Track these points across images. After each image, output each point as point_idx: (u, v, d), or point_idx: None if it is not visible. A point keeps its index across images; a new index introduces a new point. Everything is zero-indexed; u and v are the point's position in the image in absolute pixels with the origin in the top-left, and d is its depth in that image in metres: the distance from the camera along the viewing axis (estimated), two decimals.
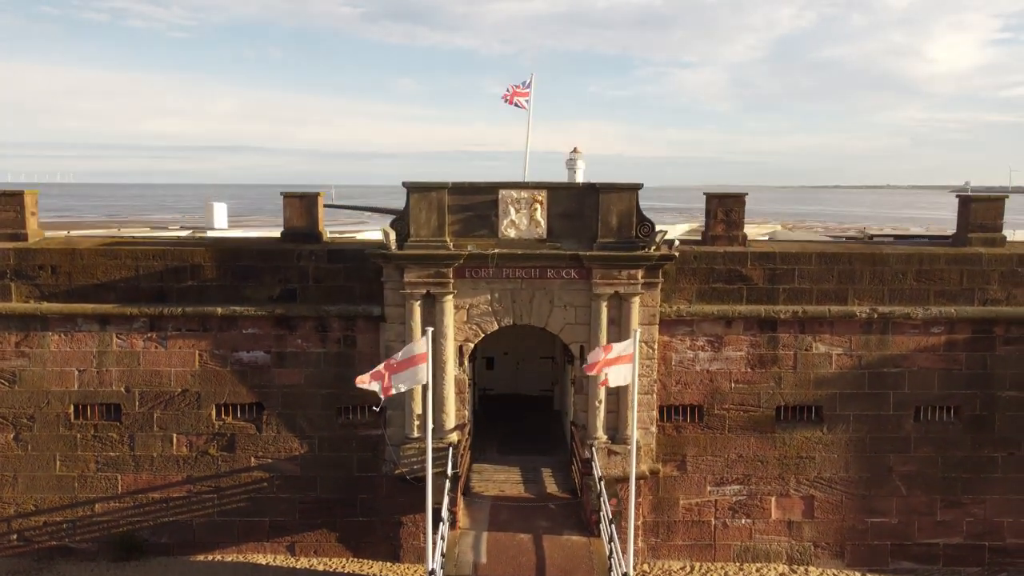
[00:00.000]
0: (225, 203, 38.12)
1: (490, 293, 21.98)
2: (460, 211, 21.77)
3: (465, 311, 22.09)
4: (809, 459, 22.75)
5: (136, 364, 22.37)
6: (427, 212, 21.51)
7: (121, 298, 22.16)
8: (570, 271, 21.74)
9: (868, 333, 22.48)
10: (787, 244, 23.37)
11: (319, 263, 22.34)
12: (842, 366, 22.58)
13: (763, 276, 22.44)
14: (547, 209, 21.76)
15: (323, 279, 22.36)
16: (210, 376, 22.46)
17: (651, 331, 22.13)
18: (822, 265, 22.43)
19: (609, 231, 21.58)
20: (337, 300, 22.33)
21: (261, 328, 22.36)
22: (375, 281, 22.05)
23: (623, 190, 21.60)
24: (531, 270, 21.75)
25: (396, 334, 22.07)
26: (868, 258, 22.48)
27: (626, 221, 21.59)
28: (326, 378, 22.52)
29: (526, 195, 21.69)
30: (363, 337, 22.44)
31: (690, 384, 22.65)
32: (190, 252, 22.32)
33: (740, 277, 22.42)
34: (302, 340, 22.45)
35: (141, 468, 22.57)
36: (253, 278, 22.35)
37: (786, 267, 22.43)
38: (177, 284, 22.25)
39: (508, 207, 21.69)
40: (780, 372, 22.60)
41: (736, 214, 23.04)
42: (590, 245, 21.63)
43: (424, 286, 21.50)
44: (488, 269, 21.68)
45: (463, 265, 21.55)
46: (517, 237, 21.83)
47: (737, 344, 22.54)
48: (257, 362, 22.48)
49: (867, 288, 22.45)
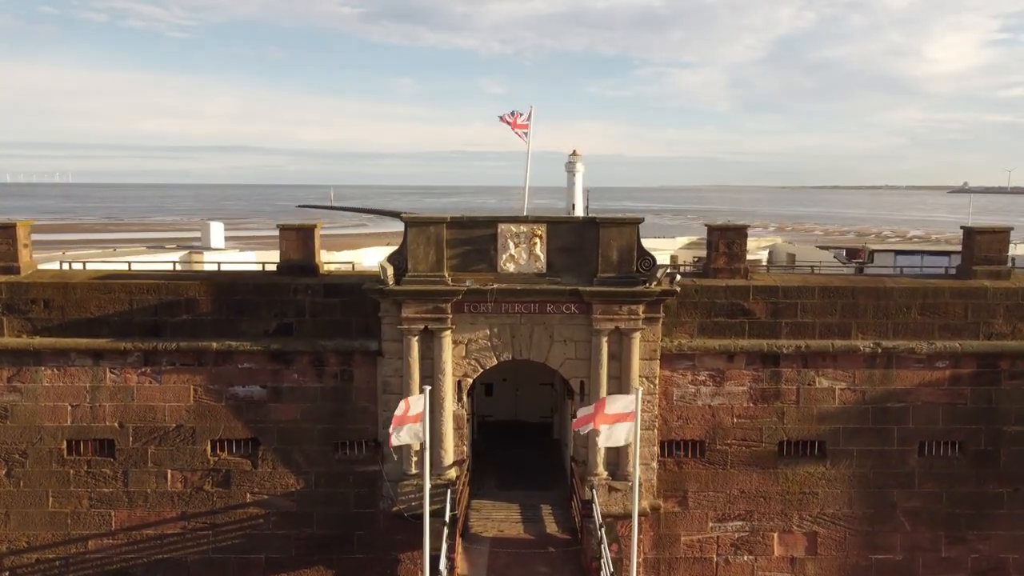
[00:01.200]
0: (222, 222, 37.78)
1: (489, 328, 21.69)
2: (458, 245, 21.47)
3: (464, 346, 21.79)
4: (812, 495, 22.46)
5: (130, 399, 22.05)
6: (425, 247, 21.22)
7: (115, 332, 21.84)
8: (570, 306, 21.46)
9: (872, 367, 22.21)
10: (790, 277, 23.08)
11: (315, 297, 22.04)
12: (845, 401, 22.30)
13: (765, 310, 22.15)
14: (546, 243, 21.47)
15: (319, 313, 22.06)
16: (205, 411, 22.15)
17: (652, 366, 21.84)
18: (825, 299, 22.14)
19: (609, 266, 21.29)
20: (334, 335, 22.03)
21: (257, 363, 22.05)
22: (372, 315, 21.76)
23: (623, 224, 21.32)
24: (530, 305, 21.46)
25: (394, 369, 21.77)
26: (872, 292, 22.19)
27: (627, 256, 21.30)
28: (323, 413, 22.22)
29: (525, 229, 21.40)
30: (360, 372, 22.14)
31: (691, 419, 22.36)
32: (185, 286, 22.01)
33: (742, 311, 22.13)
34: (298, 375, 22.14)
35: (135, 504, 22.25)
36: (249, 312, 22.04)
37: (789, 301, 22.15)
38: (171, 318, 21.95)
39: (507, 241, 21.40)
40: (783, 407, 22.31)
41: (738, 246, 22.74)
42: (590, 280, 21.35)
43: (422, 321, 21.21)
44: (487, 304, 21.39)
45: (462, 300, 21.27)
46: (516, 271, 21.54)
47: (739, 379, 22.25)
48: (253, 397, 22.18)
49: (871, 322, 22.16)
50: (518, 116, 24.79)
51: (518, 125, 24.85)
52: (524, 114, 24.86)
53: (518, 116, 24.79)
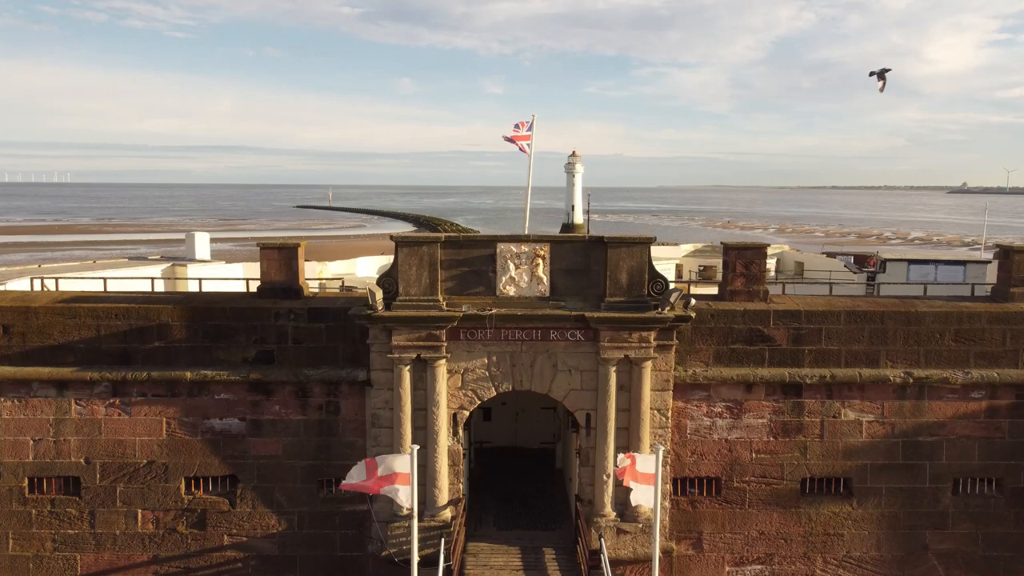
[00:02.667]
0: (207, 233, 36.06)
1: (487, 356, 19.96)
2: (454, 266, 19.74)
3: (459, 376, 20.06)
4: (837, 536, 20.73)
5: (97, 433, 20.30)
6: (418, 268, 19.48)
7: (81, 361, 20.10)
8: (575, 333, 19.73)
9: (902, 398, 20.50)
10: (813, 300, 21.32)
11: (299, 322, 20.29)
12: (873, 435, 20.58)
13: (787, 336, 20.43)
14: (550, 264, 19.75)
15: (303, 340, 20.32)
16: (179, 446, 20.40)
17: (664, 397, 20.12)
18: (852, 324, 20.42)
19: (618, 289, 19.56)
20: (319, 363, 20.29)
21: (235, 393, 20.31)
22: (360, 342, 20.03)
23: (633, 244, 19.58)
24: (532, 331, 19.74)
25: (384, 401, 20.05)
26: (902, 316, 20.47)
27: (637, 278, 19.58)
28: (307, 448, 20.48)
29: (527, 249, 19.67)
30: (347, 403, 20.41)
31: (707, 454, 20.63)
32: (156, 310, 20.25)
33: (762, 337, 20.41)
34: (280, 407, 20.41)
35: (103, 547, 20.49)
36: (226, 339, 20.30)
37: (812, 326, 20.42)
38: (142, 345, 20.20)
39: (507, 262, 19.66)
40: (806, 441, 20.59)
41: (757, 267, 21.02)
42: (597, 304, 19.63)
43: (414, 350, 19.48)
44: (485, 330, 19.67)
45: (457, 326, 19.54)
46: (517, 295, 19.81)
47: (758, 411, 20.53)
48: (231, 431, 20.43)
49: (901, 349, 20.45)
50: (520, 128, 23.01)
51: (519, 137, 23.09)
52: (526, 124, 23.10)
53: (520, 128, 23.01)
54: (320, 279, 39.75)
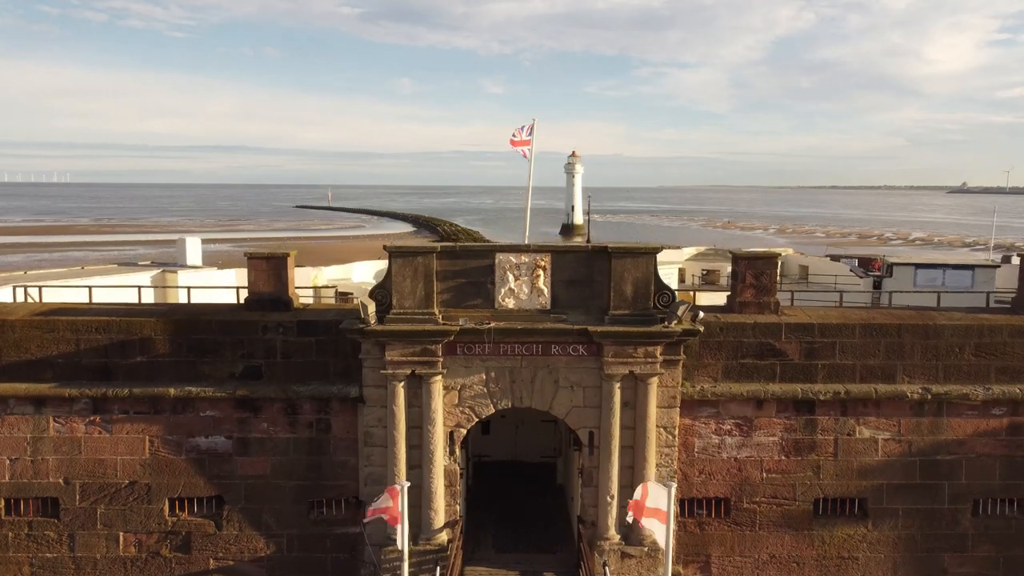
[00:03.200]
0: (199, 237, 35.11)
1: (485, 372, 19.03)
2: (451, 278, 18.81)
3: (456, 392, 19.13)
4: (852, 560, 19.81)
5: (77, 452, 19.38)
6: (412, 280, 18.55)
7: (59, 377, 19.17)
8: (578, 347, 18.80)
9: (920, 415, 19.58)
10: (826, 313, 20.39)
11: (288, 336, 19.36)
12: (890, 453, 19.66)
13: (799, 350, 19.50)
14: (551, 275, 18.82)
15: (292, 354, 19.39)
16: (162, 466, 19.47)
17: (671, 415, 19.19)
18: (867, 338, 19.49)
19: (623, 301, 18.64)
20: (309, 379, 19.37)
21: (221, 410, 19.38)
22: (352, 357, 19.10)
23: (639, 255, 18.65)
24: (533, 346, 18.82)
25: (377, 418, 19.13)
26: (920, 330, 19.54)
27: (642, 290, 18.65)
28: (296, 468, 19.55)
29: (527, 260, 18.74)
30: (339, 421, 19.48)
31: (715, 474, 19.72)
32: (138, 324, 19.31)
33: (773, 351, 19.48)
34: (268, 424, 19.48)
35: (83, 571, 19.56)
36: (211, 353, 19.37)
37: (826, 340, 19.50)
38: (124, 360, 19.26)
39: (506, 273, 18.73)
40: (819, 460, 19.67)
41: (768, 277, 20.08)
42: (601, 317, 18.70)
43: (409, 365, 18.55)
44: (483, 345, 18.74)
45: (454, 341, 18.62)
46: (517, 308, 18.88)
47: (769, 428, 19.61)
48: (216, 449, 19.51)
49: (919, 364, 19.52)
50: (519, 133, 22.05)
51: (519, 143, 22.12)
52: (525, 127, 22.16)
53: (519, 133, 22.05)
54: (315, 285, 38.84)
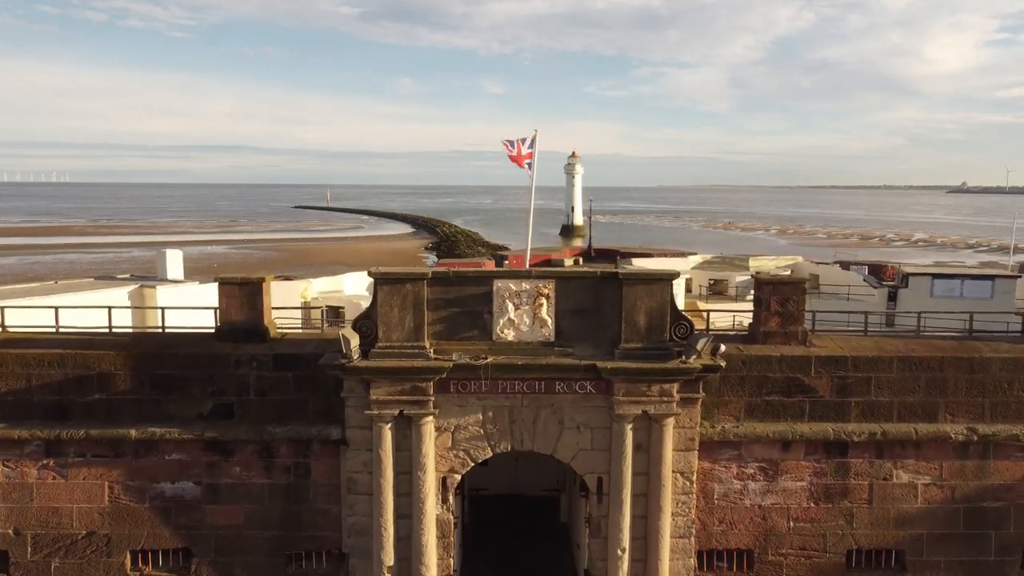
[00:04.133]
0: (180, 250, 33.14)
1: (482, 411, 17.11)
2: (443, 307, 16.88)
3: (450, 434, 17.21)
4: None
5: (28, 500, 17.47)
6: (400, 309, 16.62)
7: (8, 416, 17.26)
8: (585, 384, 16.89)
9: (964, 458, 17.68)
10: (859, 344, 18.44)
11: (262, 371, 17.44)
12: (930, 500, 17.76)
13: (830, 386, 17.59)
14: (555, 304, 16.89)
15: (267, 391, 17.47)
16: (123, 515, 17.55)
17: (688, 459, 17.27)
18: (905, 372, 17.58)
19: (635, 333, 16.71)
20: (286, 418, 17.45)
21: (188, 453, 17.46)
22: (335, 394, 17.18)
23: (653, 281, 16.72)
24: (535, 383, 16.90)
25: (361, 463, 17.21)
26: (964, 363, 17.63)
27: (657, 321, 16.72)
28: (272, 517, 17.63)
29: (528, 287, 16.80)
30: (319, 465, 17.56)
31: (737, 523, 17.81)
32: (96, 357, 17.37)
33: (801, 387, 17.57)
34: (241, 469, 17.56)
35: None
36: (178, 390, 17.44)
37: (859, 374, 17.58)
38: (81, 398, 17.35)
39: (505, 302, 16.79)
40: (852, 508, 17.77)
41: (794, 304, 18.16)
42: (611, 351, 16.78)
43: (396, 405, 16.63)
44: (480, 382, 16.82)
45: (447, 378, 16.70)
46: (517, 340, 16.95)
47: (797, 472, 17.70)
48: (184, 496, 17.59)
49: (963, 401, 17.62)
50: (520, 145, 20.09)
51: (522, 156, 20.17)
52: (527, 139, 20.20)
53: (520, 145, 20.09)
54: (304, 299, 36.89)
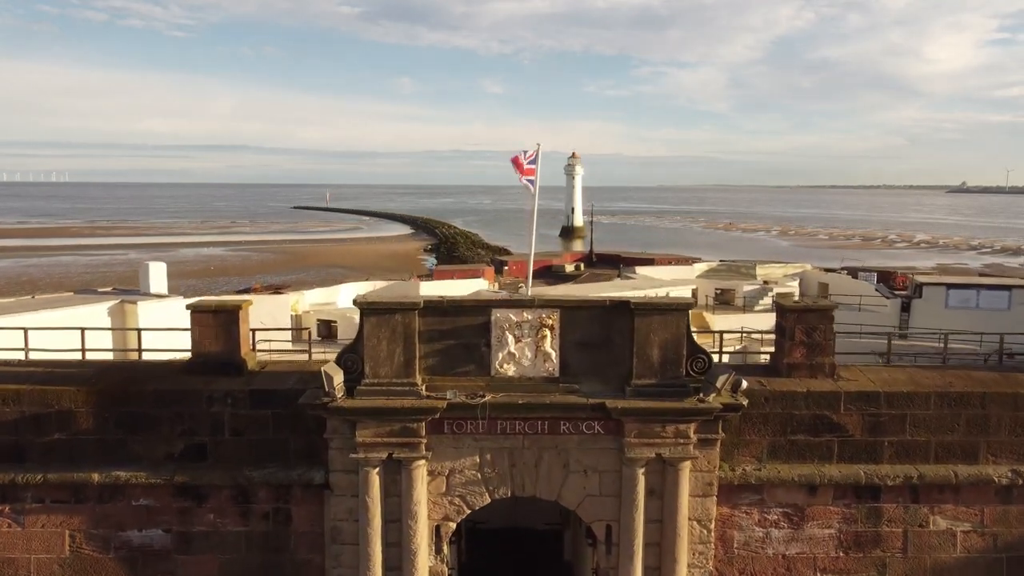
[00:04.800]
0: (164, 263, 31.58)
1: (479, 454, 15.55)
2: (437, 339, 15.33)
3: (444, 479, 15.65)
4: None
5: None
6: (389, 343, 15.07)
7: None
8: (593, 424, 15.34)
9: (1007, 503, 16.13)
10: (893, 376, 16.86)
11: (238, 408, 15.86)
12: (971, 548, 16.21)
13: (861, 424, 16.04)
14: (560, 336, 15.34)
15: (244, 430, 15.90)
16: (86, 566, 15.97)
17: (706, 505, 15.73)
18: (944, 409, 16.04)
19: (648, 369, 15.16)
20: (264, 460, 15.89)
21: (157, 499, 15.88)
22: (317, 434, 15.63)
23: (668, 311, 15.17)
24: (537, 423, 15.35)
25: (346, 510, 15.65)
26: (1008, 399, 16.07)
27: (672, 354, 15.18)
28: (249, 568, 16.06)
29: (530, 317, 15.25)
30: (301, 511, 15.99)
31: (759, 574, 16.26)
32: (56, 394, 15.80)
33: (829, 426, 16.02)
34: (215, 515, 15.98)
35: None
36: (146, 429, 15.87)
37: (894, 412, 16.03)
38: (39, 438, 15.78)
39: (505, 334, 15.24)
40: (884, 557, 16.21)
41: (821, 334, 16.59)
42: (621, 388, 15.24)
43: (385, 448, 15.08)
44: (477, 422, 15.27)
45: (441, 417, 15.15)
46: (518, 376, 15.40)
47: (825, 518, 16.16)
48: (152, 546, 16.01)
49: (1007, 441, 16.08)
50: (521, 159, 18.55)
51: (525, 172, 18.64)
52: (529, 153, 18.63)
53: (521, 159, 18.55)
54: (295, 312, 35.37)
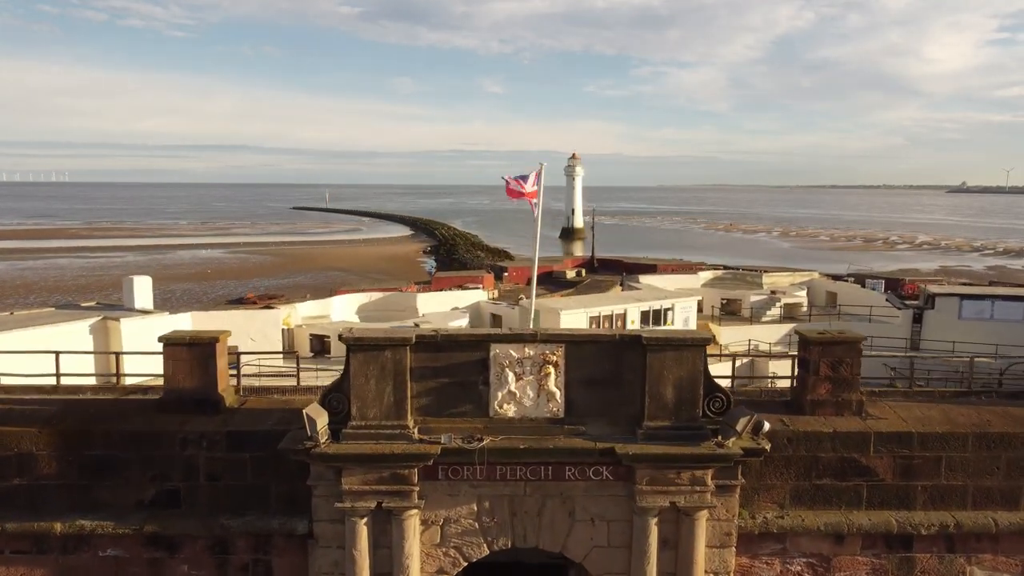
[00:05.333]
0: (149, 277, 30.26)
1: (477, 502, 14.24)
2: (430, 376, 14.01)
3: (438, 528, 14.34)
4: None
5: None
6: (378, 381, 13.76)
7: None
8: (601, 470, 14.04)
9: None
10: (926, 414, 15.55)
11: (214, 451, 14.56)
12: None
13: (892, 467, 14.75)
14: (565, 373, 14.03)
15: (220, 475, 14.60)
16: None
17: (724, 557, 14.42)
18: (982, 451, 14.75)
19: (662, 409, 13.86)
20: (242, 508, 14.58)
21: (127, 549, 14.58)
22: (300, 479, 14.31)
23: (683, 347, 13.85)
24: (540, 468, 14.05)
25: (332, 563, 14.32)
26: None
27: (688, 394, 13.87)
28: None
29: (532, 353, 13.94)
30: (282, 563, 14.68)
31: None
32: (14, 436, 14.49)
33: (858, 469, 14.72)
34: (189, 567, 14.68)
35: None
36: (113, 474, 14.57)
37: (928, 454, 14.74)
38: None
39: (505, 371, 13.94)
40: None
41: (848, 368, 15.29)
42: (632, 430, 13.94)
43: (373, 496, 13.77)
44: (474, 467, 13.96)
45: (435, 463, 13.84)
46: (519, 416, 14.09)
47: (852, 569, 14.85)
48: None
49: None
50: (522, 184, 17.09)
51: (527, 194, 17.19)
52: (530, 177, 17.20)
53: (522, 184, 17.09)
54: (287, 326, 34.10)
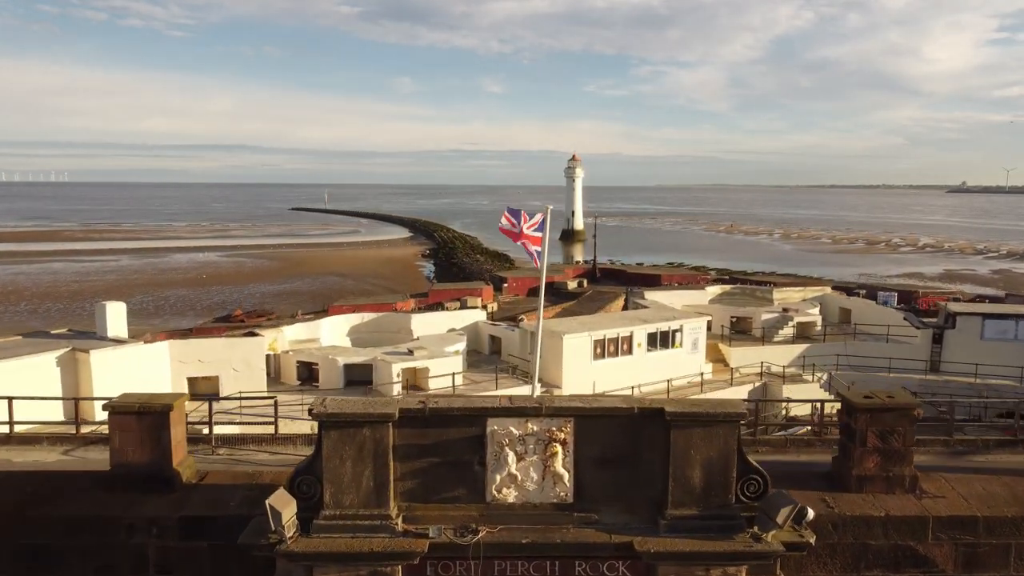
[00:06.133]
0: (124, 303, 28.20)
1: None
2: (417, 456, 11.97)
3: None
4: None
5: None
6: (355, 463, 11.72)
7: None
8: (617, 565, 11.98)
9: None
10: (991, 495, 13.54)
11: (166, 539, 12.54)
12: None
13: (954, 556, 12.74)
14: (574, 451, 11.99)
15: (174, 568, 12.58)
16: None
17: None
18: None
19: (688, 494, 11.82)
20: None
21: None
22: (267, 574, 12.28)
23: (712, 423, 11.80)
24: (546, 564, 11.98)
25: None
26: None
27: (719, 477, 11.83)
28: None
29: (537, 429, 11.90)
30: None
31: None
32: None
33: (915, 559, 12.70)
34: None
35: None
36: (51, 565, 12.55)
37: (996, 541, 12.72)
38: None
39: (504, 451, 11.90)
40: None
41: (900, 439, 13.25)
42: (653, 518, 11.89)
43: None
44: (468, 563, 11.92)
45: (423, 560, 11.80)
46: (520, 503, 12.05)
47: None
48: None
49: None
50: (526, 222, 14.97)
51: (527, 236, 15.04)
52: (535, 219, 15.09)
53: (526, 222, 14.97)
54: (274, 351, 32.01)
